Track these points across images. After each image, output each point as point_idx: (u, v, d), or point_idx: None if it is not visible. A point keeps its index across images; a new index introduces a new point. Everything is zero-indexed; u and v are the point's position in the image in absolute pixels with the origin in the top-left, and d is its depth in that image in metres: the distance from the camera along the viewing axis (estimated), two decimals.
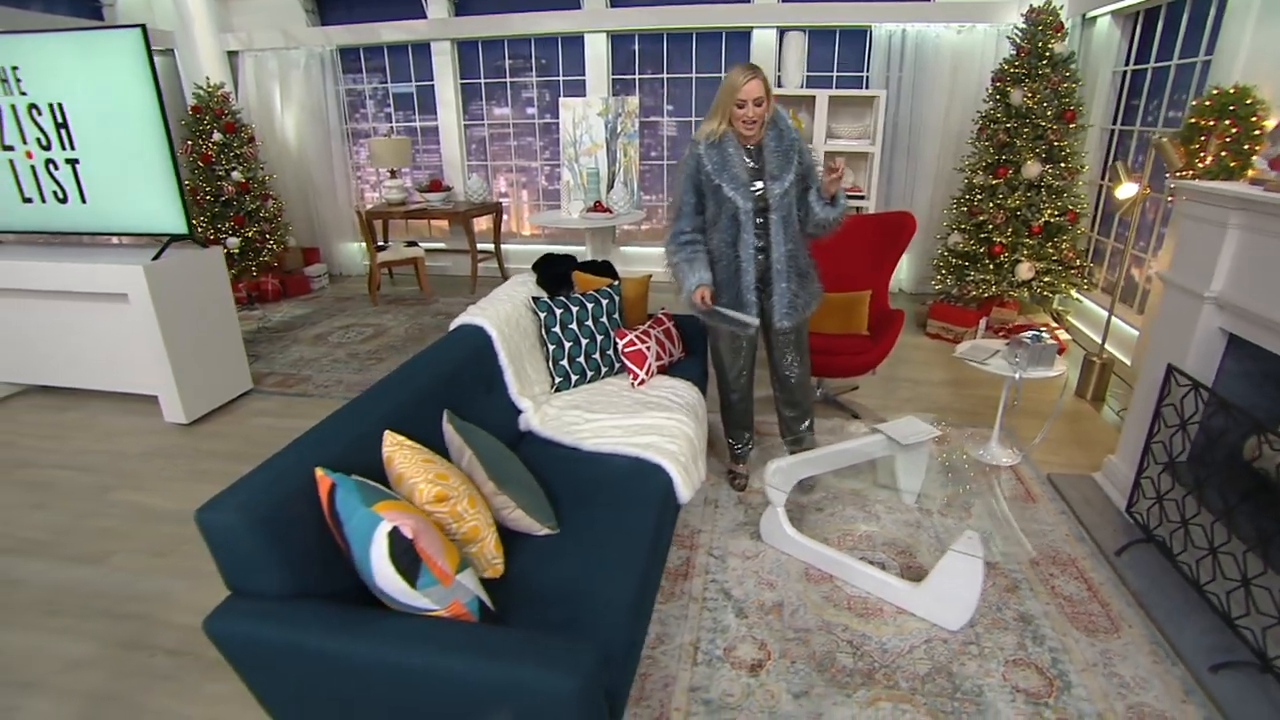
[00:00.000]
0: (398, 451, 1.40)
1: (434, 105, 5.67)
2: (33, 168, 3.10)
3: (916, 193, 4.87)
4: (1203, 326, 2.06)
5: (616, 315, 2.44)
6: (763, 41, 4.99)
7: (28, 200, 3.17)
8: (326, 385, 3.64)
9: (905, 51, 4.67)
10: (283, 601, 1.17)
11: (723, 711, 1.59)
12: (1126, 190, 2.95)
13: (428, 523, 1.19)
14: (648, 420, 2.07)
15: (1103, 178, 4.12)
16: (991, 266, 3.95)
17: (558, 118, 5.59)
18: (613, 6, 5.12)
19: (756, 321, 2.12)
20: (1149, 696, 1.64)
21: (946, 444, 2.77)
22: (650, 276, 2.81)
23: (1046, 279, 3.86)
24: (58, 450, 2.99)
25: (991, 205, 3.89)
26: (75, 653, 1.83)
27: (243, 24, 5.51)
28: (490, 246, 5.71)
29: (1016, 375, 2.49)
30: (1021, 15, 3.88)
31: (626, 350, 2.36)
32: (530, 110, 5.77)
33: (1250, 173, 2.61)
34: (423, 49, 5.52)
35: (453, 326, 2.12)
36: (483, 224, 5.80)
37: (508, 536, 1.54)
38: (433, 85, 5.59)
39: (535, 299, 2.33)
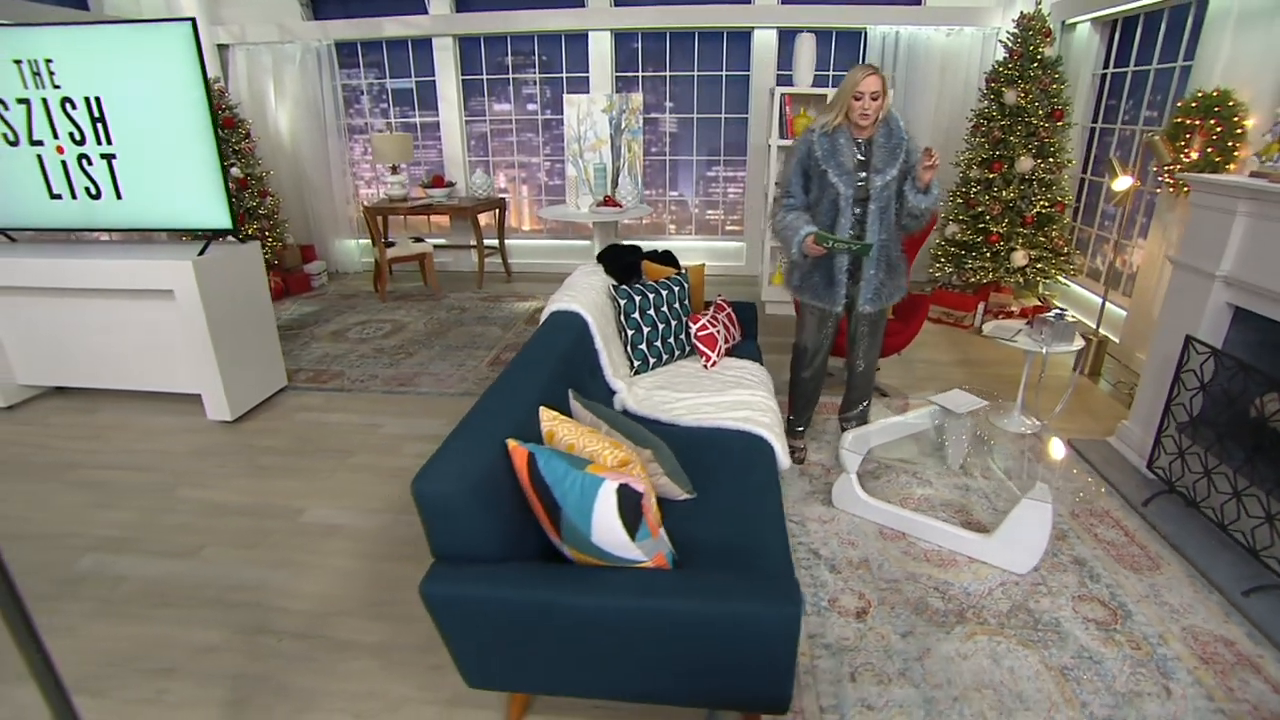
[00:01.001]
0: (559, 425, 1.52)
1: (433, 101, 5.67)
2: (63, 163, 3.02)
3: None
4: (1213, 302, 2.34)
5: (686, 302, 2.58)
6: (763, 41, 5.19)
7: (56, 197, 3.08)
8: (362, 380, 3.66)
9: (899, 52, 4.94)
10: (492, 564, 1.28)
11: (844, 653, 1.76)
12: (1122, 183, 3.26)
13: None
14: (736, 397, 2.23)
15: (1084, 172, 4.47)
16: (989, 254, 4.25)
17: (559, 114, 5.68)
18: (616, 5, 5.22)
19: (867, 244, 2.23)
20: (1196, 619, 1.89)
21: (975, 416, 3.02)
22: (704, 266, 2.96)
23: (1039, 265, 4.19)
24: (102, 451, 2.94)
25: (988, 197, 4.19)
26: (203, 639, 1.87)
27: (234, 17, 5.38)
28: (493, 242, 5.75)
29: (1043, 350, 2.75)
30: (1013, 21, 4.18)
31: (700, 334, 2.51)
32: (531, 106, 5.82)
33: (1231, 167, 2.95)
34: (423, 44, 5.51)
35: (547, 313, 2.22)
36: (483, 220, 5.83)
37: None
38: (433, 81, 5.58)
39: (615, 287, 2.45)
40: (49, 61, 2.85)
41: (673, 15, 5.15)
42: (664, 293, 2.51)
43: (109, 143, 2.96)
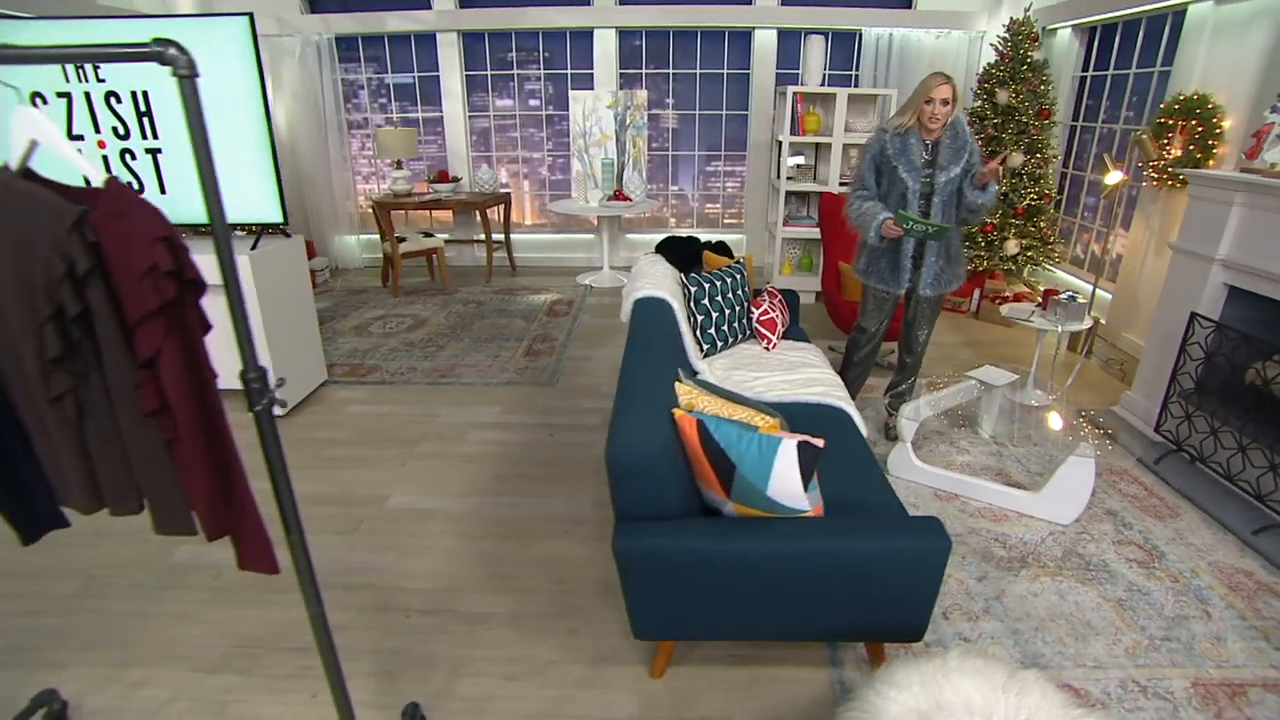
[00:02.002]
0: (697, 397, 1.67)
1: (435, 96, 5.67)
2: (104, 158, 2.98)
3: None
4: (1211, 282, 2.66)
5: (745, 289, 2.76)
6: (764, 41, 5.39)
7: None
8: (401, 372, 3.71)
9: (892, 53, 5.22)
10: (673, 520, 1.43)
11: None
12: (1114, 177, 3.59)
13: None
14: (807, 375, 2.42)
15: (1065, 167, 4.84)
16: (984, 244, 4.57)
17: (562, 110, 5.76)
18: (621, 4, 5.34)
19: (944, 226, 2.42)
20: (1218, 556, 2.19)
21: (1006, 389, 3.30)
22: (752, 256, 3.14)
23: (1029, 253, 4.53)
24: None
25: None
26: (334, 619, 1.92)
27: (229, 8, 5.25)
28: (498, 237, 5.80)
29: (1059, 328, 3.04)
30: (1002, 26, 4.50)
31: (762, 318, 2.69)
32: (533, 102, 5.89)
33: (1211, 163, 3.30)
34: (426, 39, 5.50)
35: (634, 299, 2.36)
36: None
37: None
38: (436, 76, 5.59)
39: (686, 275, 2.60)
40: None
41: (677, 15, 5.30)
42: (727, 280, 2.68)
43: (155, 137, 2.94)
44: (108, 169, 3.00)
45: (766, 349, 2.70)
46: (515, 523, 2.39)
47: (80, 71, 2.84)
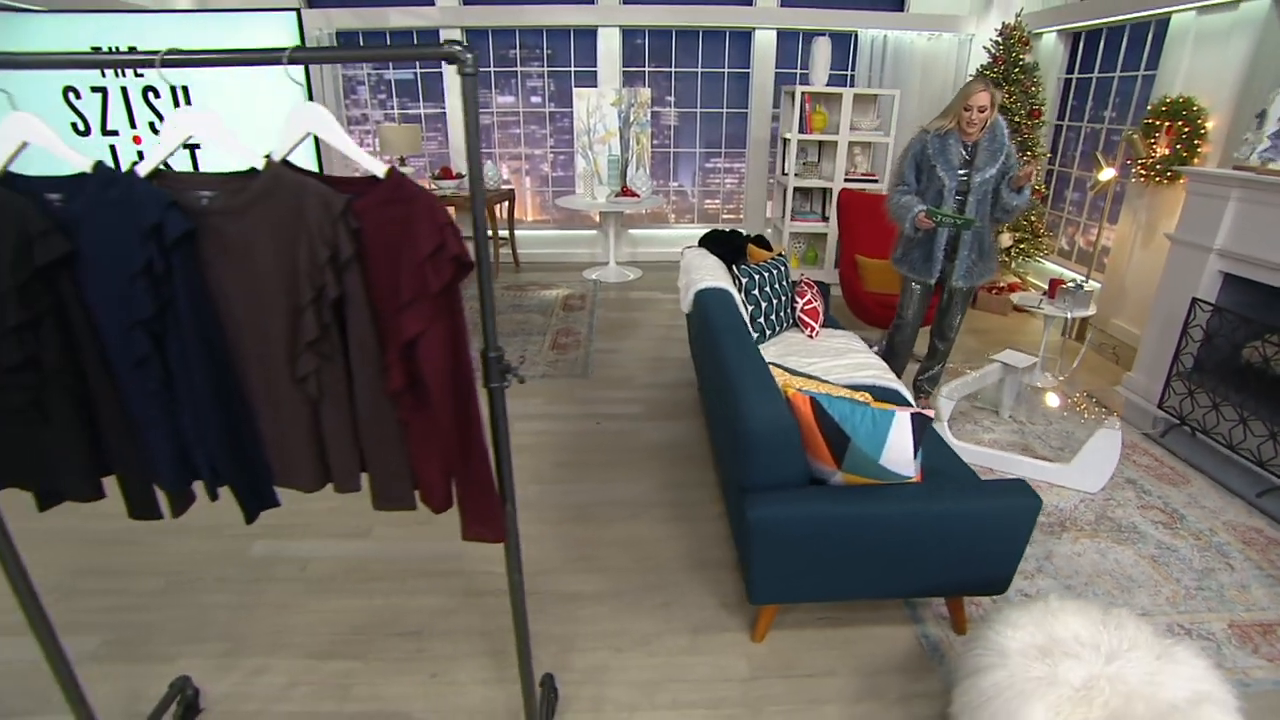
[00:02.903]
0: (789, 378, 1.80)
1: (437, 92, 5.66)
2: (139, 154, 2.94)
3: (886, 173, 5.69)
4: (1209, 270, 2.91)
5: (788, 280, 2.90)
6: (764, 41, 5.55)
7: None
8: None
9: (886, 53, 5.44)
10: (798, 488, 1.56)
11: None
12: (1106, 174, 3.86)
13: None
14: (855, 360, 2.58)
15: (1051, 164, 5.13)
16: None
17: (565, 107, 5.82)
18: (625, 3, 5.42)
19: (970, 219, 2.59)
20: (1230, 516, 2.42)
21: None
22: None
23: (1021, 245, 4.80)
24: None
25: None
26: (433, 604, 2.01)
27: (228, 4, 5.14)
28: (503, 233, 5.83)
29: (1068, 314, 3.27)
30: (995, 30, 4.74)
31: (805, 308, 2.84)
32: (535, 99, 5.92)
33: (1196, 160, 3.58)
34: (427, 36, 5.48)
35: (696, 290, 2.47)
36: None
37: None
38: (439, 72, 5.58)
39: (737, 267, 2.73)
40: (132, 49, 2.76)
41: (680, 14, 5.41)
42: (772, 272, 2.81)
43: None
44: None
45: (810, 336, 2.84)
46: (585, 507, 2.48)
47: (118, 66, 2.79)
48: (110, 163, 2.81)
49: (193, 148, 2.94)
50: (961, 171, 2.64)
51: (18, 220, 0.90)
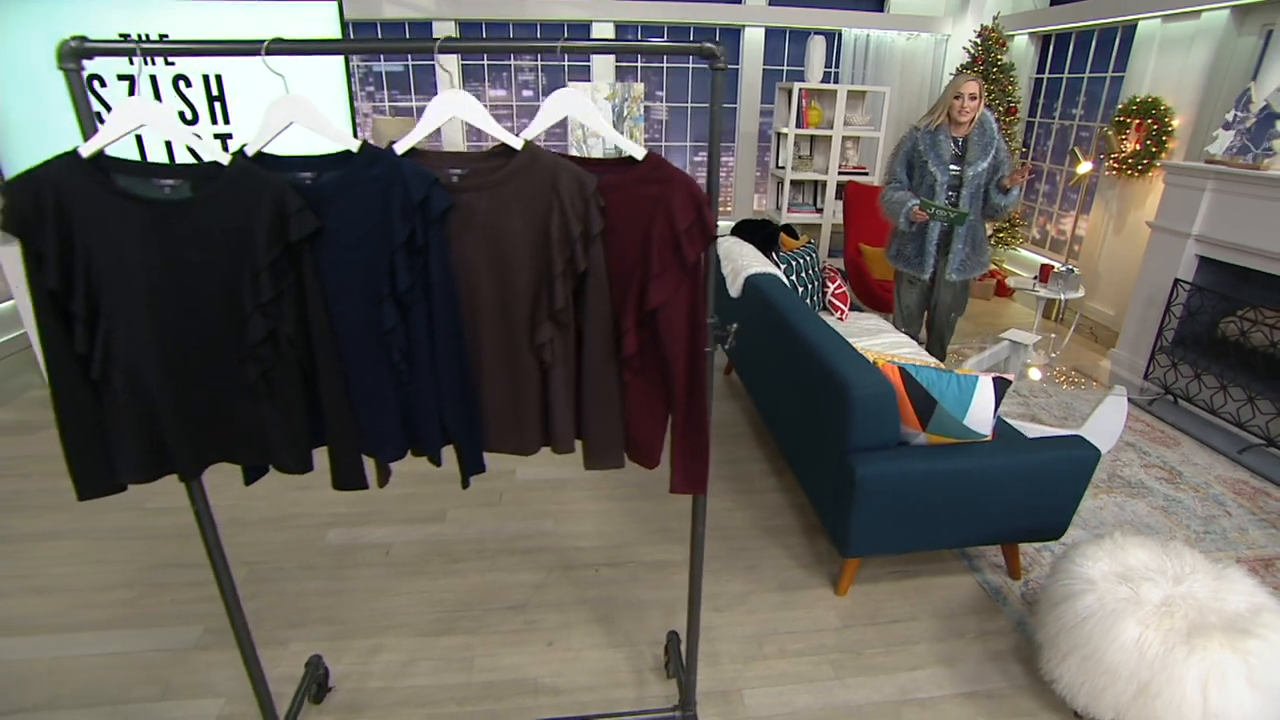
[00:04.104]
0: (864, 352, 1.96)
1: (428, 86, 5.62)
2: (168, 144, 2.88)
3: (877, 166, 5.97)
4: (1187, 254, 3.23)
5: (817, 267, 3.07)
6: (752, 39, 5.72)
7: None
8: None
9: (868, 52, 5.70)
10: (891, 448, 1.71)
11: None
12: (1084, 168, 4.19)
13: None
14: (888, 339, 2.77)
15: (1024, 158, 5.49)
16: None
17: None
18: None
19: (963, 212, 2.71)
20: (1219, 471, 2.73)
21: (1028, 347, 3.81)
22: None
23: (1000, 234, 5.13)
24: None
25: None
26: (528, 580, 2.09)
27: None
28: None
29: (1061, 296, 3.56)
30: (974, 31, 5.05)
31: (836, 293, 3.01)
32: (527, 93, 5.95)
33: (1164, 154, 3.93)
34: (420, 27, 5.44)
35: (746, 275, 2.61)
36: None
37: None
38: (431, 65, 5.54)
39: (776, 254, 2.88)
40: (163, 37, 2.71)
41: (671, 11, 5.53)
42: (805, 259, 2.98)
43: (226, 122, 2.87)
44: (170, 156, 2.90)
45: (840, 319, 3.02)
46: (645, 485, 2.58)
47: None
48: (136, 152, 2.74)
49: (223, 137, 2.90)
50: (953, 166, 2.75)
51: (276, 198, 0.95)
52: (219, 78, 2.80)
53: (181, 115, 2.83)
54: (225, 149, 2.92)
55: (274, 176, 0.96)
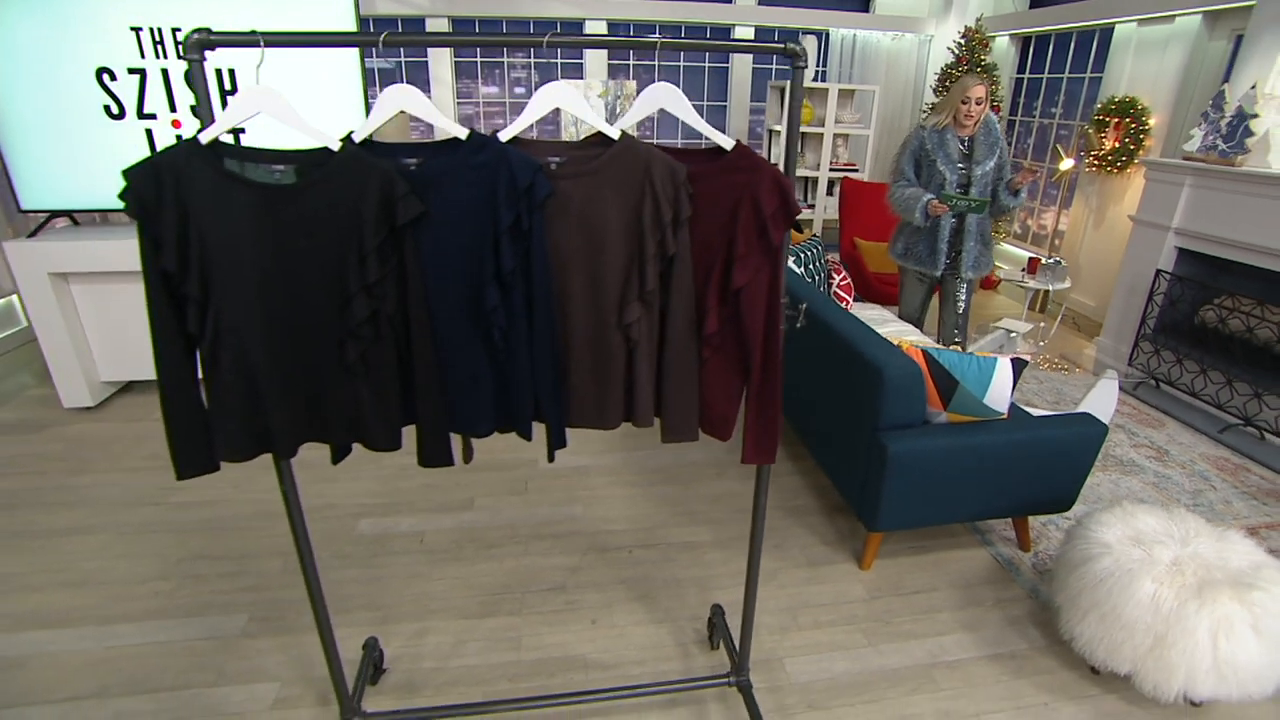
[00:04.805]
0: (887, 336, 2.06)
1: (420, 82, 5.60)
2: (178, 137, 2.85)
3: (866, 163, 6.13)
4: (1167, 246, 3.41)
5: (823, 260, 3.17)
6: (741, 37, 5.82)
7: None
8: None
9: (855, 52, 5.84)
10: (917, 427, 1.81)
11: None
12: (1067, 164, 4.37)
13: None
14: (895, 328, 2.88)
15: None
16: None
17: None
18: None
19: (984, 200, 2.73)
20: (1202, 449, 2.90)
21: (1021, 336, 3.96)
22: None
23: None
24: None
25: None
26: (563, 563, 2.14)
27: None
28: None
29: (1050, 287, 3.73)
30: (958, 32, 5.22)
31: (841, 284, 3.12)
32: (519, 90, 5.97)
33: (1141, 151, 4.13)
34: (412, 24, 5.42)
35: None
36: None
37: None
38: (424, 62, 5.52)
39: (791, 248, 2.97)
40: (175, 30, 2.70)
41: (662, 9, 5.60)
42: (811, 252, 3.08)
43: None
44: (235, 139, 2.87)
45: (846, 309, 3.12)
46: (668, 469, 2.66)
47: (159, 47, 2.71)
48: (146, 147, 2.72)
49: (236, 131, 2.88)
50: (961, 165, 2.81)
51: (384, 183, 1.00)
52: (232, 72, 2.79)
53: (194, 109, 2.81)
54: (237, 143, 2.92)
55: (381, 162, 1.01)
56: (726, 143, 1.06)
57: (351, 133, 1.04)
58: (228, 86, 2.81)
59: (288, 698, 1.65)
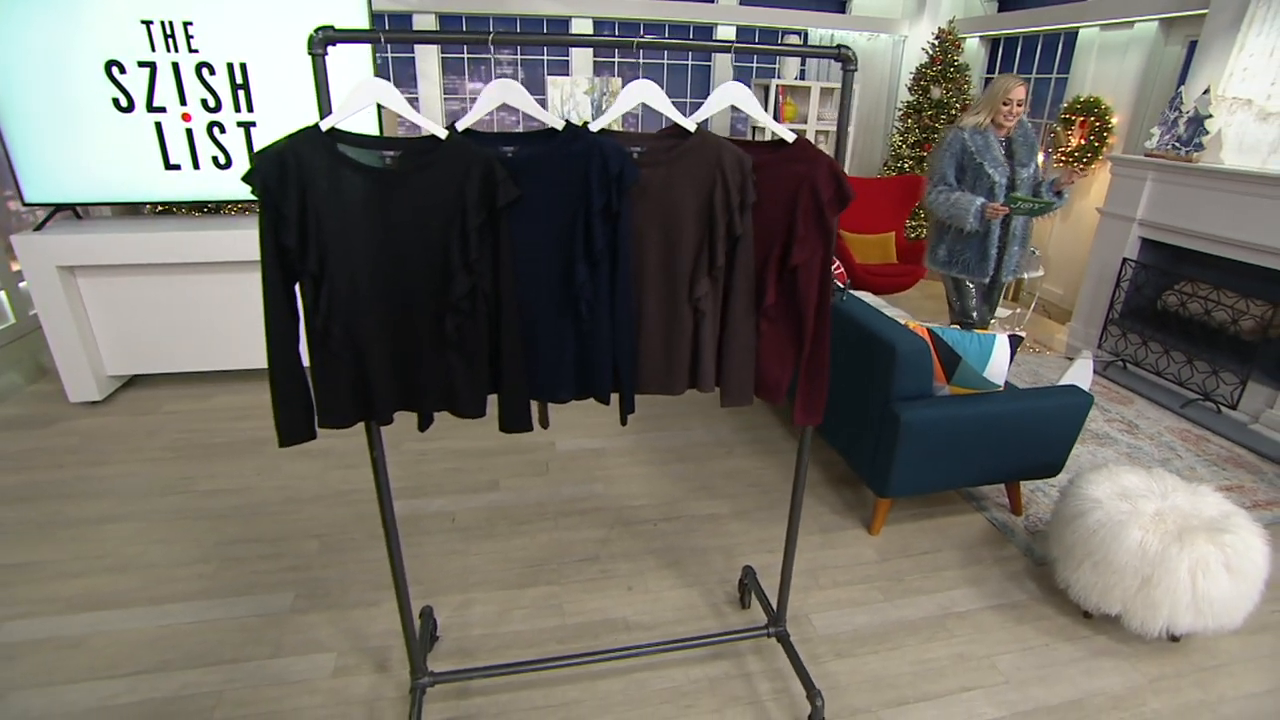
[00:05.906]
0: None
1: (406, 78, 5.61)
2: (189, 131, 2.87)
3: (846, 159, 6.34)
4: (1132, 236, 3.68)
5: None
6: (724, 37, 5.97)
7: (174, 167, 2.90)
8: None
9: None
10: (926, 398, 1.98)
11: None
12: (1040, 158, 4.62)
13: None
14: (888, 313, 3.05)
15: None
16: (922, 214, 5.54)
17: (536, 94, 5.94)
18: None
19: (1050, 201, 2.67)
20: (1167, 423, 3.15)
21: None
22: None
23: None
24: (268, 426, 2.91)
25: (922, 168, 5.46)
26: (592, 536, 2.25)
27: None
28: None
29: (1025, 275, 3.97)
30: (931, 34, 5.46)
31: (837, 273, 3.28)
32: None
33: (1104, 148, 4.40)
34: (399, 20, 5.42)
35: None
36: None
37: None
38: (411, 58, 5.53)
39: None
40: (187, 24, 2.71)
41: (647, 9, 5.72)
42: None
43: (250, 110, 2.88)
44: (191, 144, 2.88)
45: (842, 300, 3.29)
46: (680, 450, 2.78)
47: (169, 40, 2.72)
48: (156, 140, 2.73)
49: (246, 125, 2.90)
50: (1006, 167, 2.73)
51: (486, 168, 1.10)
52: (244, 66, 2.81)
53: (204, 103, 2.83)
54: (249, 136, 2.95)
55: (484, 149, 1.11)
56: (789, 136, 1.19)
57: (455, 122, 1.13)
58: (239, 80, 2.82)
59: (346, 666, 1.73)
